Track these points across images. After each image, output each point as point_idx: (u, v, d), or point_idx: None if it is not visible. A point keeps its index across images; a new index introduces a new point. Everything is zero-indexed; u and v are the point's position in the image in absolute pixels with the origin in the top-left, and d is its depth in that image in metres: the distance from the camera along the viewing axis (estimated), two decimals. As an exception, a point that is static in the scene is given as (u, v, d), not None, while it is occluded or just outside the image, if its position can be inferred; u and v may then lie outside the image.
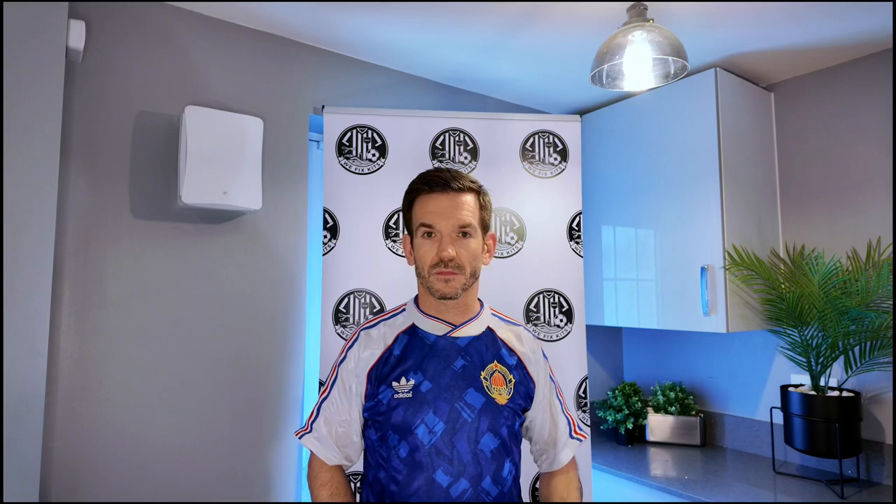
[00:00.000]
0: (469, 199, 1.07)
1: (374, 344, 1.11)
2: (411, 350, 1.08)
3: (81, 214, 1.56)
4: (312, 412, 1.14)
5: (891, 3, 1.72)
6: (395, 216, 1.84)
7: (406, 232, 1.15)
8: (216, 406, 1.72)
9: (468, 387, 1.04)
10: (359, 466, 1.59)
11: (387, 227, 1.83)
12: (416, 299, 1.16)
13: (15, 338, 1.23)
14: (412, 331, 1.11)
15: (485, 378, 1.06)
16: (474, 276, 1.08)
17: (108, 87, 1.62)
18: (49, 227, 1.29)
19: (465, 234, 1.06)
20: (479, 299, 1.17)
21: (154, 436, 1.61)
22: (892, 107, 2.00)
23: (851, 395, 1.89)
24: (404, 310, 1.17)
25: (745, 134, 2.18)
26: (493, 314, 1.19)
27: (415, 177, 1.13)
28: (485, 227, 1.12)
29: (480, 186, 1.14)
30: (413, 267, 1.13)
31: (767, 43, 1.99)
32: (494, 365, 1.09)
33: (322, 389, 1.15)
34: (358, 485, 1.68)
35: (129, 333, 1.60)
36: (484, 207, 1.12)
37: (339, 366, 1.14)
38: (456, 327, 1.10)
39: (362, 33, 1.93)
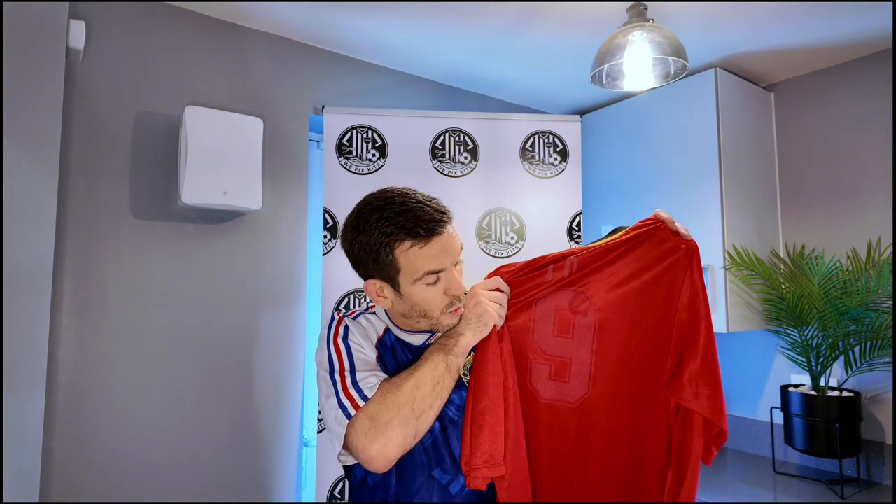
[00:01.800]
0: (451, 226, 0.97)
1: (367, 334, 1.03)
2: (397, 353, 1.03)
3: (81, 214, 1.56)
4: (348, 395, 0.92)
5: (891, 4, 1.72)
6: (395, 216, 1.83)
7: (374, 278, 0.98)
8: (216, 406, 1.72)
9: (454, 386, 1.00)
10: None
11: (387, 227, 1.83)
12: (386, 314, 1.06)
13: (15, 338, 1.23)
14: (393, 335, 1.05)
15: (464, 374, 1.02)
16: None
17: (108, 87, 1.62)
18: (49, 227, 1.29)
19: (456, 262, 0.99)
20: None
21: (154, 435, 1.61)
22: (892, 107, 2.00)
23: (851, 395, 1.89)
24: (374, 312, 1.07)
25: (745, 134, 2.18)
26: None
27: (376, 218, 0.93)
28: None
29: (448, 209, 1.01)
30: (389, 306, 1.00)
31: (767, 43, 1.99)
32: (471, 357, 1.04)
33: (337, 371, 0.95)
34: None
35: (129, 333, 1.60)
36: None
37: (344, 339, 0.99)
38: (433, 333, 1.04)
39: (362, 33, 1.93)
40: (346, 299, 1.78)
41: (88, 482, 1.51)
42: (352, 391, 0.93)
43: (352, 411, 0.91)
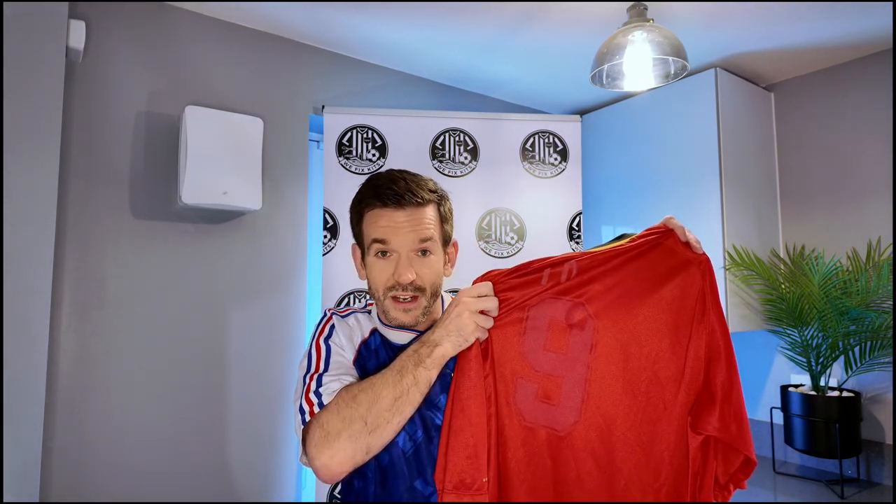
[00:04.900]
0: (429, 213, 0.93)
1: (352, 335, 1.00)
2: (381, 356, 0.98)
3: (81, 214, 1.56)
4: (308, 400, 0.89)
5: (891, 4, 1.72)
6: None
7: (355, 242, 1.01)
8: (216, 406, 1.72)
9: (441, 392, 0.94)
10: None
11: (387, 227, 1.83)
12: (377, 314, 1.04)
13: (15, 338, 1.23)
14: (379, 336, 1.01)
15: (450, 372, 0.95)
16: (435, 295, 0.97)
17: (108, 87, 1.62)
18: (49, 227, 1.29)
19: (424, 252, 0.93)
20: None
21: (153, 435, 1.61)
22: (892, 107, 2.00)
23: (851, 395, 1.89)
24: (370, 311, 1.05)
25: (745, 134, 2.18)
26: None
27: (365, 182, 0.98)
28: (446, 239, 0.99)
29: (441, 195, 0.98)
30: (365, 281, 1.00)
31: (767, 43, 1.99)
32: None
33: (310, 373, 0.93)
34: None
35: (129, 333, 1.60)
36: (445, 219, 0.98)
37: (325, 340, 0.98)
38: (421, 333, 0.97)
39: (362, 33, 1.93)
40: (347, 299, 1.78)
41: (88, 482, 1.51)
42: (312, 396, 0.89)
43: (308, 417, 0.88)
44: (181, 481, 1.64)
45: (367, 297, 1.77)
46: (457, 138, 1.91)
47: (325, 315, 1.04)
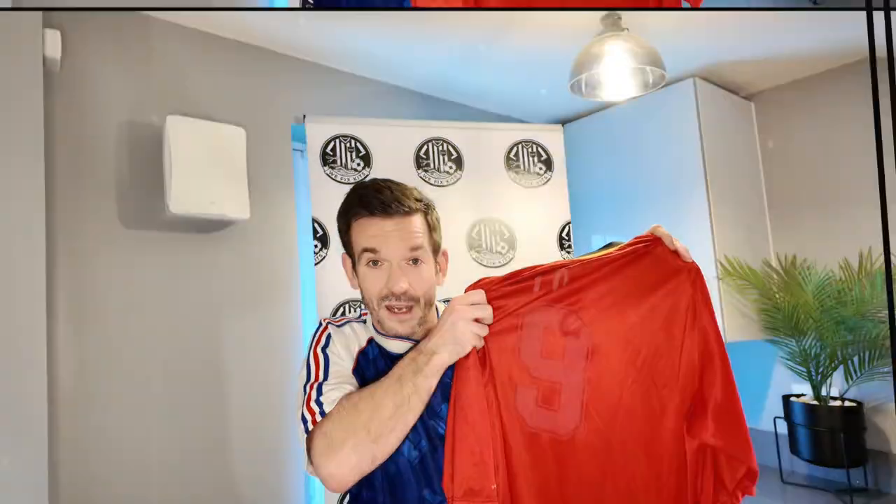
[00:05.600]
0: (416, 222, 0.94)
1: (349, 344, 1.00)
2: (379, 367, 0.98)
3: (70, 226, 1.53)
4: (310, 409, 0.89)
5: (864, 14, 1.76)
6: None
7: (345, 251, 1.01)
8: (211, 415, 1.69)
9: (443, 401, 0.93)
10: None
11: (375, 235, 1.80)
12: (372, 323, 1.05)
13: (12, 350, 1.21)
14: (376, 346, 1.01)
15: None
16: (430, 304, 0.97)
17: (88, 96, 1.61)
18: (39, 239, 1.28)
19: (415, 261, 0.94)
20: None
21: (155, 447, 1.57)
22: (873, 117, 2.01)
23: (854, 404, 1.85)
24: (365, 321, 1.05)
25: (727, 143, 2.19)
26: None
27: (350, 191, 0.98)
28: (435, 248, 0.99)
29: (427, 204, 0.99)
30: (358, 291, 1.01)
31: (744, 52, 2.02)
32: None
33: (309, 382, 0.93)
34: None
35: (123, 342, 1.56)
36: (433, 228, 0.99)
37: (323, 349, 0.98)
38: (417, 342, 0.95)
39: (343, 43, 1.94)
40: (343, 308, 1.74)
41: (90, 492, 1.47)
42: (313, 406, 0.89)
43: (310, 426, 0.87)
44: (180, 490, 1.59)
45: (362, 306, 1.73)
46: (440, 148, 1.90)
47: (320, 325, 1.04)
